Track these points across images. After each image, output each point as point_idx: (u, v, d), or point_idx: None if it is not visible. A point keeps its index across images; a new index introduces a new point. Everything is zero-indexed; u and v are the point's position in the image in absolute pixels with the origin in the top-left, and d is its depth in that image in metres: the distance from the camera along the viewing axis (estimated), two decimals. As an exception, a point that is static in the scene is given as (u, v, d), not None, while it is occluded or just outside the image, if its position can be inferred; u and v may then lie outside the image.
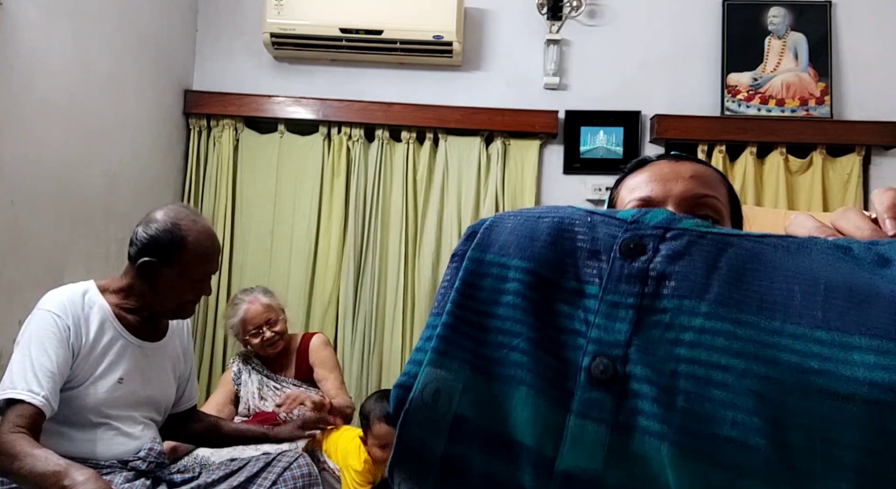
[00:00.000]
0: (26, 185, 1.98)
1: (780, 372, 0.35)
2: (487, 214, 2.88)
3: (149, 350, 1.57)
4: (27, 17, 1.95)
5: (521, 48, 3.00)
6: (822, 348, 0.35)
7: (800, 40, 2.92)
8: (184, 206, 1.58)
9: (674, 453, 0.36)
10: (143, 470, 1.48)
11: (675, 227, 0.42)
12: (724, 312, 0.38)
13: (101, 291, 1.52)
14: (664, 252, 0.41)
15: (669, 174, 0.87)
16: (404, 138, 2.94)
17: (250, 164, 2.98)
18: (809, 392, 0.34)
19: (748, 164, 2.86)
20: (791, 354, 0.35)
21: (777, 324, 0.36)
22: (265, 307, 2.29)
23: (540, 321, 0.42)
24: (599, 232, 0.43)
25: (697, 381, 0.37)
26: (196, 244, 1.49)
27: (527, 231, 0.46)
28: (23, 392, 1.32)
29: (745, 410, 0.35)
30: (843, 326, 0.35)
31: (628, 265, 0.42)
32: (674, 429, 0.36)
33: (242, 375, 2.35)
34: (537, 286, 0.43)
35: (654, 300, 0.40)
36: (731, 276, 0.39)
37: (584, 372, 0.40)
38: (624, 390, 0.38)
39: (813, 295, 0.36)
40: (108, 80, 2.39)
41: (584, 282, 0.42)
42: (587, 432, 0.39)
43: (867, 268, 0.38)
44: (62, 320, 1.42)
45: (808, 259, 0.38)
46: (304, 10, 2.80)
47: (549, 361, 0.41)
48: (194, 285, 1.53)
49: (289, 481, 1.51)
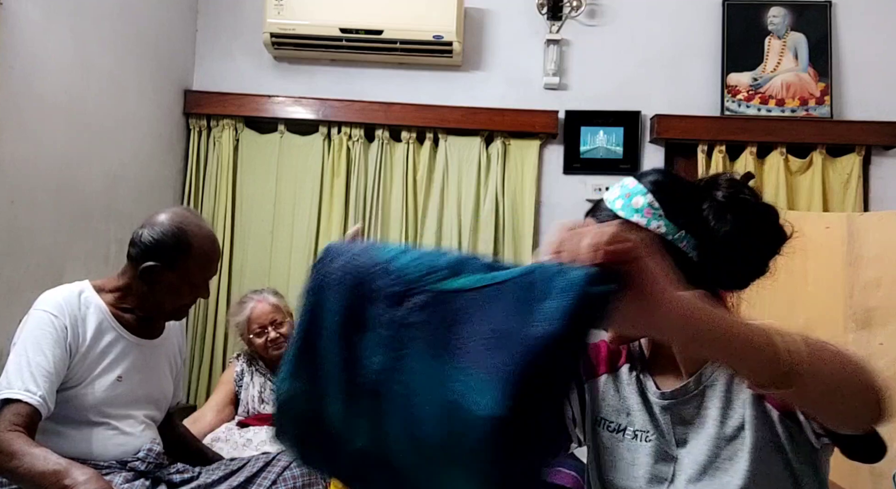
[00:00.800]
0: (26, 184, 1.98)
1: (440, 390, 0.58)
2: (487, 214, 2.89)
3: (147, 348, 1.57)
4: (27, 16, 1.95)
5: (521, 48, 3.00)
6: (461, 375, 0.57)
7: (800, 40, 2.92)
8: (188, 210, 1.59)
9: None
10: (142, 470, 1.48)
11: (421, 288, 0.62)
12: (432, 352, 0.60)
13: (97, 291, 1.52)
14: (411, 304, 0.62)
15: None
16: (404, 138, 2.94)
17: (250, 164, 2.98)
18: (448, 405, 0.58)
19: (748, 164, 2.85)
20: (453, 381, 0.58)
21: (454, 361, 0.58)
22: (273, 307, 2.29)
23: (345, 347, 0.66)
24: (380, 283, 0.64)
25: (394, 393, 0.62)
26: (200, 250, 1.49)
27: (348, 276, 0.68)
28: (19, 391, 1.32)
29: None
30: (478, 363, 0.57)
31: (389, 312, 0.63)
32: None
33: (245, 377, 2.35)
34: (345, 321, 0.66)
35: (398, 340, 0.62)
36: (442, 326, 0.60)
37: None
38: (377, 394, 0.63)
39: (477, 341, 0.58)
40: (108, 80, 2.39)
41: (369, 320, 0.64)
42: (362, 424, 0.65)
43: (535, 304, 0.56)
44: (59, 320, 1.42)
45: (495, 307, 0.58)
46: (304, 10, 2.80)
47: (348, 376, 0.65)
48: (193, 289, 1.53)
49: (288, 480, 1.51)
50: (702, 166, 2.88)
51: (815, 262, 2.56)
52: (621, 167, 2.92)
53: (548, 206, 2.95)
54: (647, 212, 0.94)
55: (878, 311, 2.45)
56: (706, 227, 0.94)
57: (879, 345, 2.42)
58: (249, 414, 2.29)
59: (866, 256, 2.49)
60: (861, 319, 2.47)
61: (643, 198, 0.94)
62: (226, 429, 2.17)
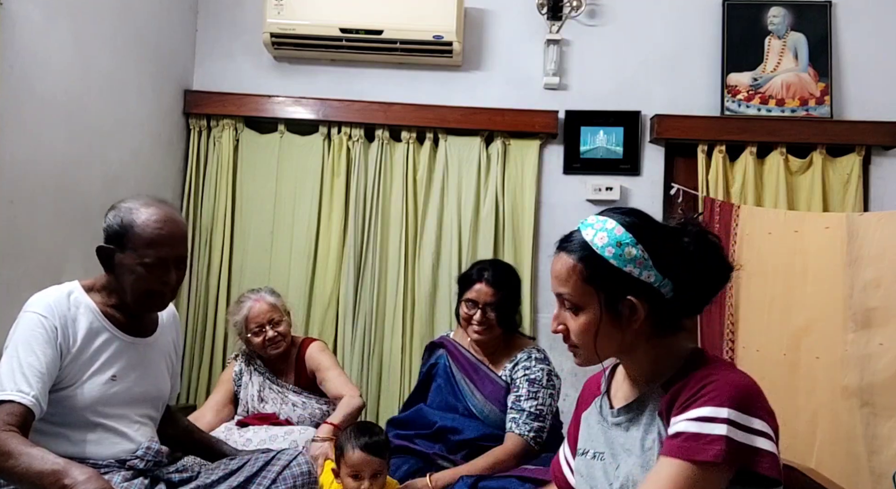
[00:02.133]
0: (26, 185, 1.98)
1: None
2: (487, 214, 2.89)
3: (141, 346, 1.56)
4: (27, 17, 1.96)
5: (521, 48, 3.00)
6: None
7: (800, 40, 2.92)
8: (149, 196, 1.56)
9: None
10: (141, 469, 1.47)
11: None
12: None
13: (87, 291, 1.51)
14: None
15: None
16: (404, 138, 2.94)
17: (250, 164, 2.98)
18: None
19: (748, 164, 2.86)
20: None
21: None
22: (270, 306, 2.29)
23: None
24: None
25: None
26: (144, 226, 1.46)
27: None
28: (12, 392, 1.32)
29: None
30: None
31: None
32: None
33: (244, 377, 2.34)
34: None
35: None
36: None
37: None
38: None
39: None
40: (108, 80, 2.39)
41: None
42: None
43: None
44: (48, 321, 1.42)
45: None
46: (304, 10, 2.80)
47: None
48: (151, 271, 1.46)
49: (288, 479, 1.51)
50: (702, 166, 2.88)
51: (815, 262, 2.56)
52: (621, 167, 2.92)
53: (548, 205, 2.95)
54: (639, 263, 1.04)
55: (877, 311, 2.44)
56: (682, 270, 1.06)
57: (879, 346, 2.42)
58: (249, 413, 2.29)
59: (866, 256, 2.48)
60: (861, 319, 2.46)
61: (635, 249, 1.04)
62: (225, 429, 2.17)
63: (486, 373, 2.01)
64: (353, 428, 1.72)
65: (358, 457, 1.62)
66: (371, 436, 1.66)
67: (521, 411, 1.90)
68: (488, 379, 2.00)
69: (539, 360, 1.98)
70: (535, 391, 1.92)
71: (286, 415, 2.25)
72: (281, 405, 2.27)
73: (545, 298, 2.89)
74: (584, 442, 1.18)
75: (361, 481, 1.63)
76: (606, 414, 1.14)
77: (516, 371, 1.97)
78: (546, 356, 2.03)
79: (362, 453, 1.62)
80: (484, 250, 2.86)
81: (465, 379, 2.02)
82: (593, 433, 1.16)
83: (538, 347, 2.07)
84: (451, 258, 2.87)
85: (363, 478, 1.63)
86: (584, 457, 1.16)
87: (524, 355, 2.00)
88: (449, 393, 2.03)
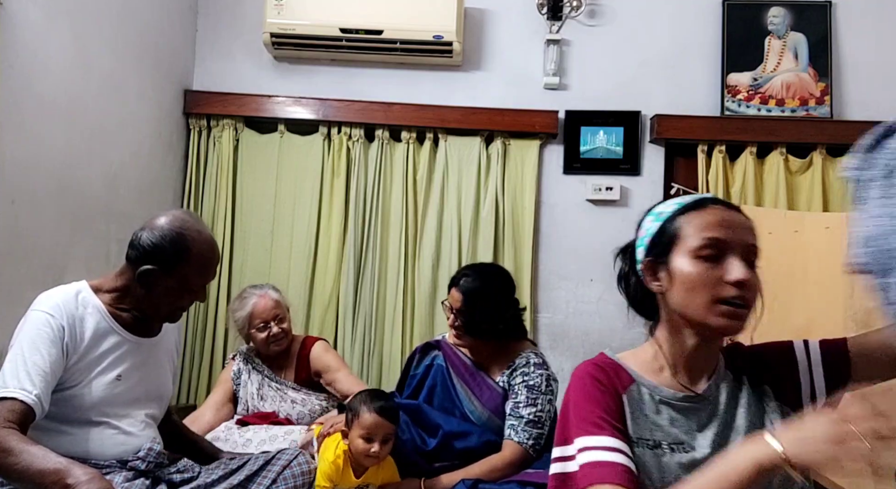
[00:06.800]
0: (26, 185, 1.98)
1: None
2: (487, 214, 2.89)
3: (146, 346, 1.57)
4: (27, 17, 1.96)
5: (521, 48, 3.00)
6: None
7: (800, 40, 2.92)
8: (188, 214, 1.56)
9: None
10: (142, 469, 1.48)
11: None
12: None
13: (95, 291, 1.52)
14: None
15: (735, 223, 1.06)
16: (404, 138, 2.94)
17: (250, 164, 2.98)
18: None
19: (748, 164, 2.86)
20: None
21: None
22: (275, 302, 2.29)
23: None
24: None
25: None
26: (198, 256, 1.48)
27: None
28: (15, 390, 1.32)
29: None
30: None
31: None
32: None
33: (242, 375, 2.34)
34: None
35: None
36: None
37: None
38: None
39: None
40: (108, 80, 2.39)
41: None
42: None
43: None
44: (56, 320, 1.42)
45: None
46: (304, 10, 2.80)
47: None
48: (190, 294, 1.52)
49: (288, 479, 1.51)
50: (702, 166, 2.88)
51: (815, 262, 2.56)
52: (621, 167, 2.92)
53: (548, 205, 2.96)
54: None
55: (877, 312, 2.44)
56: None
57: (879, 345, 2.42)
58: (249, 411, 2.29)
59: (866, 256, 2.48)
60: (861, 319, 2.46)
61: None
62: (225, 428, 2.17)
63: (484, 378, 1.97)
64: (368, 392, 1.75)
65: (372, 420, 1.65)
66: (387, 400, 1.72)
67: (520, 418, 1.86)
68: (486, 385, 1.96)
69: (537, 366, 1.94)
70: (534, 397, 1.88)
71: (286, 413, 2.25)
72: (280, 402, 2.27)
73: (545, 298, 2.88)
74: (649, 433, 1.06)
75: (372, 444, 1.66)
76: (672, 400, 1.06)
77: (514, 377, 1.93)
78: (545, 360, 1.98)
79: (377, 416, 1.66)
80: (484, 250, 2.86)
81: (463, 384, 1.98)
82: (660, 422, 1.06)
83: (536, 351, 2.02)
84: (451, 258, 2.87)
85: (375, 440, 1.66)
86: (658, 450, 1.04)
87: (522, 360, 1.95)
88: (445, 397, 1.98)
